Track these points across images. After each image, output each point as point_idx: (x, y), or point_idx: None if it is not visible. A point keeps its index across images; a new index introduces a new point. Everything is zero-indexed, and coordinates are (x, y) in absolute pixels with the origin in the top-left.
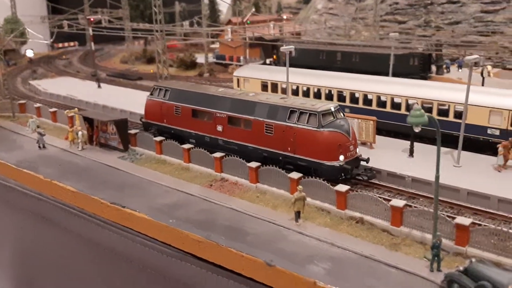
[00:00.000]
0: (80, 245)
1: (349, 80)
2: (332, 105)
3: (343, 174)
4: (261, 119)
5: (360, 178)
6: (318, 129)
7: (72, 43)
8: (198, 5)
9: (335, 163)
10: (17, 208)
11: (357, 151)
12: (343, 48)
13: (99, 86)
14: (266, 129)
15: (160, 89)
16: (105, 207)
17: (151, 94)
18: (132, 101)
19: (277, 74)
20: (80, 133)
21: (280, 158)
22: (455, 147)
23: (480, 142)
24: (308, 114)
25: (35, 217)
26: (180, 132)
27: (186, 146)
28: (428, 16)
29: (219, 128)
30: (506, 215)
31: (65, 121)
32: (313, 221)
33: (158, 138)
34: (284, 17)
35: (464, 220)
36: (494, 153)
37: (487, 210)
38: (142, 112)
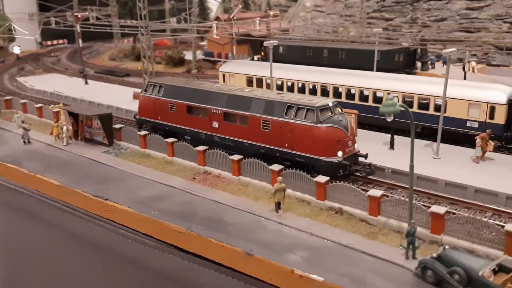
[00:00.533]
0: (64, 238)
1: (333, 75)
2: (330, 101)
3: (341, 171)
4: (258, 115)
5: (359, 174)
6: (316, 125)
7: (61, 41)
8: (188, 3)
9: (334, 159)
10: (1, 202)
11: (356, 147)
12: (330, 44)
13: (86, 83)
14: (262, 125)
15: (154, 85)
16: (88, 200)
17: (145, 90)
18: (118, 97)
19: (262, 69)
20: (65, 128)
21: (277, 154)
22: (434, 140)
23: (459, 135)
24: (305, 109)
25: (19, 211)
26: (175, 129)
27: (170, 140)
28: (415, 13)
29: (215, 124)
30: (482, 204)
31: (50, 117)
32: (293, 212)
33: (142, 132)
34: (271, 13)
35: (439, 209)
36: (473, 145)
37: (464, 200)
38: (129, 108)
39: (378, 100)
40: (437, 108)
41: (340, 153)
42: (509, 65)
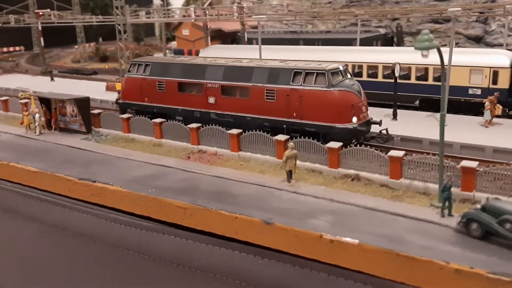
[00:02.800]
0: (45, 232)
1: (320, 52)
2: (339, 64)
3: (355, 139)
4: (261, 84)
5: (375, 141)
6: (328, 89)
7: (18, 48)
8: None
9: (348, 125)
10: None
11: (368, 114)
12: (306, 35)
13: (52, 79)
14: (266, 96)
15: (139, 64)
16: (72, 184)
17: (129, 71)
18: (90, 90)
19: (242, 52)
20: (37, 115)
21: (284, 126)
22: (436, 111)
23: (461, 104)
24: (315, 74)
25: None
26: (165, 110)
27: (158, 120)
28: (383, 7)
29: (211, 100)
30: (502, 162)
31: (17, 110)
32: (306, 181)
33: (125, 115)
34: (244, 5)
35: (470, 163)
36: (476, 113)
37: (484, 159)
38: (103, 98)
39: (372, 74)
40: (437, 78)
41: (355, 119)
42: None
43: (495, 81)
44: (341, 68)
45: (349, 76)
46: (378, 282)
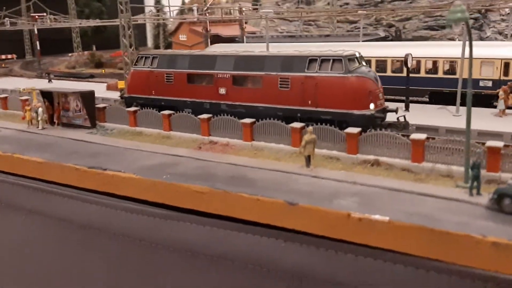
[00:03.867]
0: (52, 226)
1: (330, 47)
2: (355, 51)
3: (372, 126)
4: (274, 73)
5: (392, 129)
6: (346, 75)
7: (9, 56)
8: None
9: (366, 112)
10: None
11: (384, 102)
12: (305, 39)
13: (50, 81)
14: (280, 84)
15: (146, 57)
16: (82, 173)
17: (135, 64)
18: (88, 88)
19: (252, 49)
20: (40, 109)
21: (299, 114)
22: (446, 104)
23: (472, 96)
24: (331, 60)
25: None
26: (173, 103)
27: (166, 112)
28: (379, 14)
29: (222, 91)
30: None
31: (17, 108)
32: (325, 167)
33: (132, 108)
34: (243, 9)
35: (495, 143)
36: (488, 106)
37: (505, 144)
38: (105, 96)
39: (382, 69)
40: (446, 71)
41: (372, 106)
42: None
43: (506, 73)
44: (357, 54)
45: (364, 63)
46: (409, 261)
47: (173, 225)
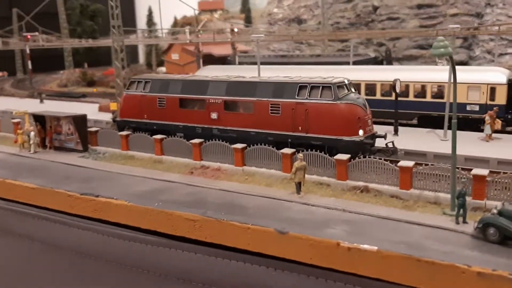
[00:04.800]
0: (44, 252)
1: (318, 71)
2: (344, 78)
3: (361, 152)
4: (265, 99)
5: (381, 155)
6: (335, 102)
7: (0, 73)
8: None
9: (355, 138)
10: None
11: (373, 128)
12: (297, 59)
13: (41, 101)
14: (271, 110)
15: (138, 81)
16: (73, 200)
17: (128, 88)
18: (80, 110)
19: (237, 72)
20: (32, 133)
21: (289, 140)
22: (435, 127)
23: (459, 120)
24: (321, 87)
25: None
26: (165, 127)
27: (158, 136)
28: (370, 35)
29: (214, 115)
30: (508, 172)
31: (9, 130)
32: (315, 194)
33: (124, 132)
34: (235, 29)
35: (480, 171)
36: (475, 129)
37: (490, 169)
38: (97, 118)
39: (371, 92)
40: (434, 95)
41: (361, 132)
42: None
43: (492, 98)
44: (346, 81)
45: (353, 89)
46: None
47: (165, 252)
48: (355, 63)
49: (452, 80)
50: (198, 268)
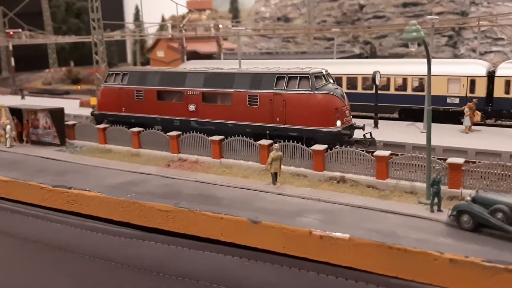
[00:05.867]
0: (16, 246)
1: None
2: (322, 68)
3: (339, 143)
4: (243, 90)
5: (359, 145)
6: (312, 92)
7: None
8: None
9: (333, 129)
10: None
11: (351, 119)
12: (282, 56)
13: (23, 97)
14: (249, 101)
15: (116, 74)
16: (46, 192)
17: (105, 81)
18: (62, 106)
19: (223, 65)
20: (8, 127)
21: (267, 131)
22: (415, 121)
23: (440, 113)
24: (298, 77)
25: None
26: (143, 120)
27: (136, 129)
28: (356, 32)
29: (192, 107)
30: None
31: None
32: (291, 184)
33: (101, 126)
34: (220, 26)
35: (456, 160)
36: (455, 122)
37: (468, 160)
38: (77, 113)
39: (352, 86)
40: (415, 88)
41: (339, 123)
42: None
43: (472, 90)
44: (324, 72)
45: (331, 80)
46: (370, 278)
47: (139, 244)
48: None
49: (424, 72)
50: (171, 260)
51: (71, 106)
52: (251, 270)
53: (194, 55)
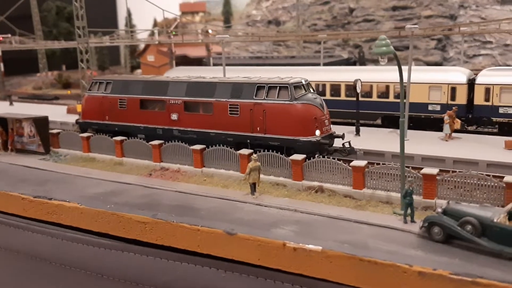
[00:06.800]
0: None
1: (279, 72)
2: (302, 78)
3: (318, 152)
4: (224, 99)
5: (338, 155)
6: (291, 102)
7: None
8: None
9: (312, 139)
10: None
11: (331, 128)
12: (270, 60)
13: (11, 104)
14: (230, 111)
15: (100, 82)
16: (27, 203)
17: (89, 89)
18: (50, 113)
19: (204, 73)
20: None
21: (248, 140)
22: (397, 128)
23: (421, 120)
24: (278, 87)
25: None
26: (126, 128)
27: (118, 138)
28: (346, 35)
29: (174, 116)
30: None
31: None
32: (270, 194)
33: (85, 134)
34: (210, 31)
35: (430, 170)
36: (436, 129)
37: (445, 169)
38: (64, 120)
39: (335, 93)
40: (397, 95)
41: (318, 132)
42: None
43: (453, 97)
44: (303, 81)
45: (311, 90)
46: None
47: (117, 255)
48: (326, 64)
49: (404, 79)
50: (149, 271)
51: (59, 113)
52: (227, 281)
53: (184, 60)
